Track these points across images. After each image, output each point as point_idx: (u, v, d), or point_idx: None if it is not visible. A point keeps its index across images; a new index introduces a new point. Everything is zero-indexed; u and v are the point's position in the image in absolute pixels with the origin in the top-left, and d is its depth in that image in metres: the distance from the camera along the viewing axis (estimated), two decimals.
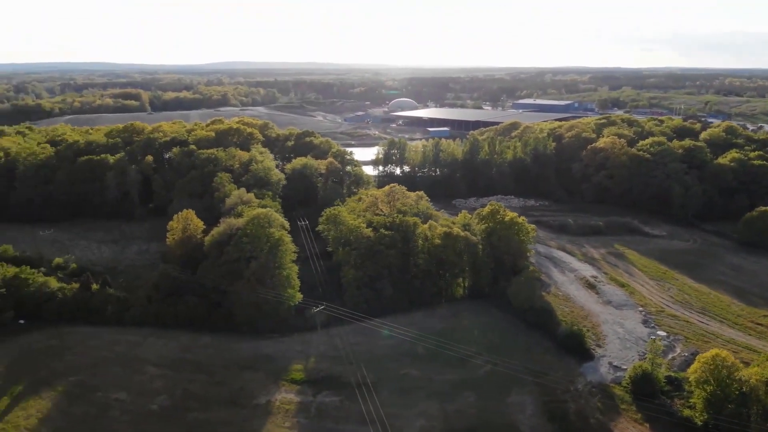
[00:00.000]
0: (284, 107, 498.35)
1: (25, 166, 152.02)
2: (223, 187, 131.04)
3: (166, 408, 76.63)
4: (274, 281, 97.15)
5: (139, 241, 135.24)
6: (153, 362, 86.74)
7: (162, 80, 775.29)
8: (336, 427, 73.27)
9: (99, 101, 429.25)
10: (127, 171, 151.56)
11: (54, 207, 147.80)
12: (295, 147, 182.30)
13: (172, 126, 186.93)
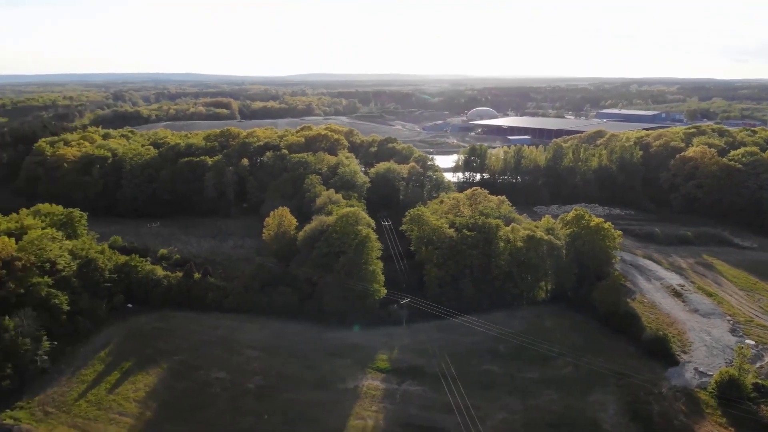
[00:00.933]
0: (364, 117, 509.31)
1: (132, 166, 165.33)
2: (314, 188, 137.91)
3: (261, 387, 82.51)
4: (361, 275, 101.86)
5: (234, 236, 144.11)
6: (249, 346, 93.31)
7: (249, 90, 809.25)
8: (420, 414, 76.60)
9: (192, 109, 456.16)
10: (224, 172, 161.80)
11: (157, 204, 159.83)
12: (377, 152, 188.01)
13: (265, 132, 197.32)
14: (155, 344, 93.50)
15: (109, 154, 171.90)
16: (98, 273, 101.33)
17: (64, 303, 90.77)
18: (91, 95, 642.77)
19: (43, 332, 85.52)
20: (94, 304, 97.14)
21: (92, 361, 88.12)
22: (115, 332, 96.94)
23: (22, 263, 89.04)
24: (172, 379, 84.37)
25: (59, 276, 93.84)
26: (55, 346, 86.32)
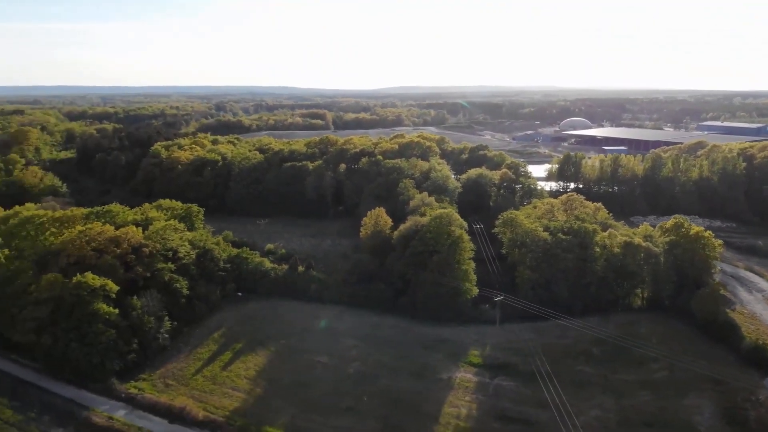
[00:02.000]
0: (453, 127, 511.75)
1: (240, 169, 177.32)
2: (407, 191, 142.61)
3: (360, 373, 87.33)
4: (454, 274, 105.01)
5: (332, 236, 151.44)
6: (348, 335, 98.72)
7: (342, 103, 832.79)
8: (513, 407, 78.52)
9: (290, 119, 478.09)
10: (323, 176, 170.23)
11: (261, 204, 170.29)
12: (468, 159, 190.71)
13: (360, 139, 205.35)
14: (263, 329, 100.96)
15: (219, 158, 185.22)
16: (213, 262, 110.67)
17: (184, 287, 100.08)
18: (196, 106, 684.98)
19: (165, 313, 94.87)
20: (210, 290, 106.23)
21: (207, 341, 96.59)
22: (227, 316, 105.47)
23: (149, 250, 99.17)
24: (279, 360, 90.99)
25: (180, 263, 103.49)
26: (174, 326, 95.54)
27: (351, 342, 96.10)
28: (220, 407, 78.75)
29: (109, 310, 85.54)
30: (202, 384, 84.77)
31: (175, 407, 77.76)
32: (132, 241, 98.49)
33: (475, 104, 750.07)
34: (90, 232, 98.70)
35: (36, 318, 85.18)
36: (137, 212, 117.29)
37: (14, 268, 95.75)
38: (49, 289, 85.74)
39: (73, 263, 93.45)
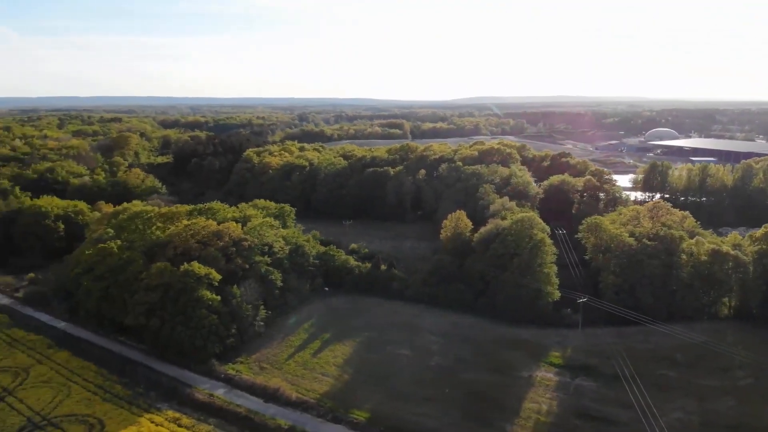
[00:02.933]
0: (533, 136, 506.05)
1: (325, 174, 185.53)
2: (487, 196, 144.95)
3: (441, 366, 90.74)
4: (535, 277, 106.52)
5: (411, 239, 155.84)
6: (429, 331, 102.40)
7: (419, 113, 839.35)
8: (594, 406, 79.55)
9: (369, 129, 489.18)
10: (403, 182, 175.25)
11: (345, 207, 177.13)
12: (550, 167, 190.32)
13: (440, 146, 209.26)
14: (349, 321, 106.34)
15: (306, 164, 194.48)
16: (304, 258, 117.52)
17: (278, 279, 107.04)
18: (280, 116, 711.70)
19: (261, 302, 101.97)
20: (300, 284, 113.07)
21: (298, 331, 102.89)
22: (316, 309, 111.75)
23: (247, 244, 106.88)
24: (364, 351, 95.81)
25: (275, 257, 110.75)
26: (269, 315, 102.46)
27: (432, 338, 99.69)
28: (311, 390, 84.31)
29: (212, 297, 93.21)
30: (294, 368, 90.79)
31: (270, 388, 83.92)
32: (233, 235, 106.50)
33: (556, 114, 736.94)
34: (194, 226, 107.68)
35: (146, 302, 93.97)
36: (235, 210, 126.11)
37: (125, 257, 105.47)
38: (159, 276, 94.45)
39: (179, 254, 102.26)
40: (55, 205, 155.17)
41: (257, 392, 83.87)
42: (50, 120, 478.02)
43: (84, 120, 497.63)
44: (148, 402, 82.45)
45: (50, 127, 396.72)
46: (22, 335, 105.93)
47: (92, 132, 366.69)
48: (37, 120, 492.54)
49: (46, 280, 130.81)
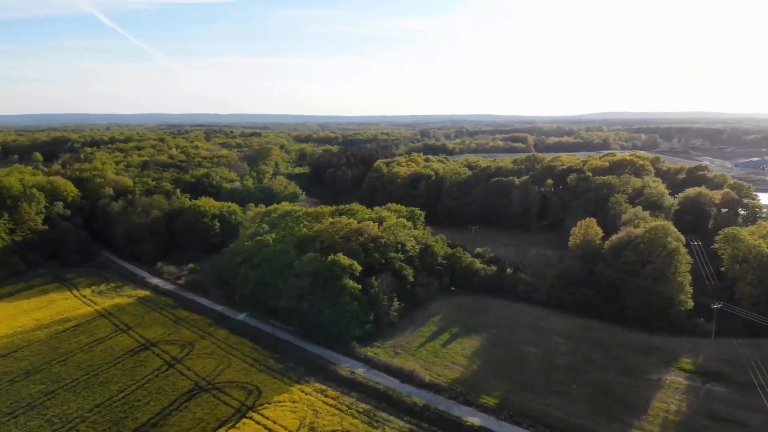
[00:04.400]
0: (666, 152, 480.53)
1: (450, 183, 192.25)
2: (619, 206, 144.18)
3: (569, 365, 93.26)
4: (668, 285, 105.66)
5: (536, 247, 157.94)
6: (556, 332, 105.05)
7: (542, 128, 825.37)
8: (724, 409, 78.84)
9: (491, 143, 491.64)
10: (529, 191, 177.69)
11: (469, 215, 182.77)
12: (686, 179, 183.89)
13: (568, 157, 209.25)
14: (475, 319, 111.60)
15: (432, 173, 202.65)
16: (433, 257, 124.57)
17: (410, 275, 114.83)
18: (403, 132, 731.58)
19: (395, 294, 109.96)
20: (429, 281, 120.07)
21: (427, 323, 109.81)
22: (443, 305, 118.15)
23: (384, 241, 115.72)
24: (492, 346, 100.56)
25: (407, 255, 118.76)
26: (401, 307, 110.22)
27: (559, 339, 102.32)
28: (442, 375, 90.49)
29: (354, 286, 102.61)
30: (425, 356, 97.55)
31: (405, 369, 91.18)
32: (371, 233, 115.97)
33: (692, 130, 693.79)
34: (338, 224, 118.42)
35: (297, 287, 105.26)
36: (371, 212, 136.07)
37: (279, 249, 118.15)
38: (309, 264, 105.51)
39: (325, 247, 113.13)
40: (211, 206, 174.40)
41: (393, 373, 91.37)
42: (197, 133, 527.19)
43: (227, 134, 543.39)
44: (298, 375, 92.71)
45: (199, 139, 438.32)
46: (186, 315, 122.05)
47: (236, 144, 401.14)
48: (186, 133, 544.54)
49: (204, 270, 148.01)
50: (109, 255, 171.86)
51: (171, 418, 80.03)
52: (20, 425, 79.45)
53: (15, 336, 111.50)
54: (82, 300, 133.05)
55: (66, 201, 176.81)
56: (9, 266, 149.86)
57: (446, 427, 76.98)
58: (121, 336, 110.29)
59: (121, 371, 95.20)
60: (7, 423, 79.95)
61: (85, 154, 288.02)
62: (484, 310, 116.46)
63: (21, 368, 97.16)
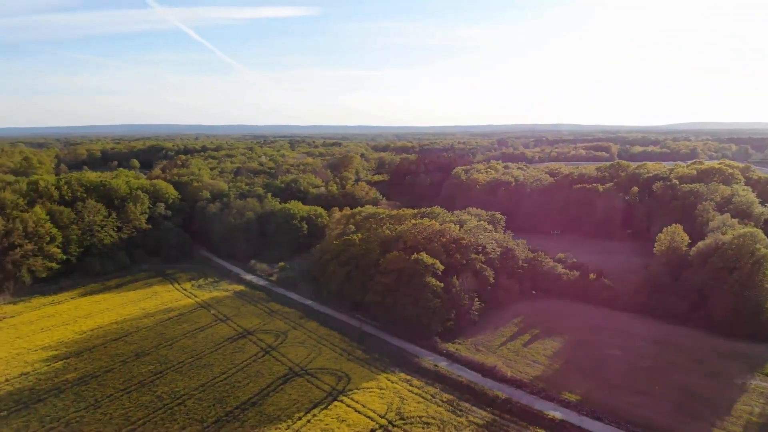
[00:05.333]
0: (759, 162, 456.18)
1: (531, 190, 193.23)
2: (707, 213, 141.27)
3: (652, 367, 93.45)
4: (756, 291, 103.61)
5: (620, 255, 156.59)
6: (640, 336, 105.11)
7: (626, 137, 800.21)
8: None
9: (573, 152, 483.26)
10: (613, 199, 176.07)
11: (550, 222, 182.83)
12: None
13: (655, 165, 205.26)
14: (556, 321, 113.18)
15: (512, 180, 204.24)
16: (514, 260, 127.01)
17: (490, 276, 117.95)
18: (480, 141, 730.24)
19: (475, 295, 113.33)
20: (510, 283, 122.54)
21: (508, 324, 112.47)
22: (524, 308, 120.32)
23: (465, 242, 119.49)
24: (573, 347, 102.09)
25: (488, 257, 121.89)
26: (482, 307, 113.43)
27: (643, 343, 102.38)
28: (523, 372, 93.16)
29: (436, 284, 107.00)
30: (506, 354, 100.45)
31: (487, 365, 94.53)
32: (452, 235, 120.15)
33: None
34: (420, 225, 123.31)
35: (383, 283, 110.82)
36: (452, 215, 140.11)
37: (365, 248, 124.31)
38: (394, 262, 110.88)
39: (408, 247, 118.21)
40: (299, 209, 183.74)
41: (475, 367, 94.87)
42: (282, 143, 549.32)
43: (309, 144, 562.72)
44: (383, 365, 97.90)
45: (284, 148, 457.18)
46: (278, 308, 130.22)
47: (318, 153, 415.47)
48: (271, 143, 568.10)
49: (294, 268, 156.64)
50: (206, 253, 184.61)
51: (269, 398, 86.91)
52: (133, 400, 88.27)
53: (124, 323, 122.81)
54: (183, 292, 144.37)
55: (167, 202, 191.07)
56: (116, 261, 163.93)
57: (528, 419, 79.75)
58: (220, 325, 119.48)
59: (222, 356, 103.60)
60: (121, 398, 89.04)
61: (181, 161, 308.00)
62: (566, 313, 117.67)
63: (131, 351, 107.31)
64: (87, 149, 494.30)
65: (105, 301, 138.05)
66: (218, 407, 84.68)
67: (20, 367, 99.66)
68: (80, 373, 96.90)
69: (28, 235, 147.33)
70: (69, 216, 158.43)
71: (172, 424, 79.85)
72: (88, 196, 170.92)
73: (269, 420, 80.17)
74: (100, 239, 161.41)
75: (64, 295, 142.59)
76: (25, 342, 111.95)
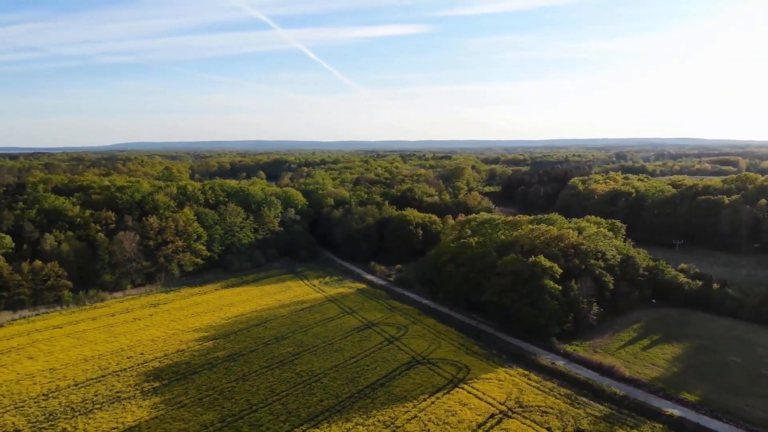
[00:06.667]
0: None
1: (652, 201, 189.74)
2: None
3: None
4: None
5: (746, 268, 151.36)
6: (763, 345, 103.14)
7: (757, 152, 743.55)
8: None
9: (697, 166, 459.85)
10: (740, 211, 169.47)
11: (671, 233, 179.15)
12: None
13: None
14: (677, 329, 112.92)
15: (632, 191, 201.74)
16: (634, 268, 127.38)
17: (609, 282, 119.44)
18: (596, 154, 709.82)
19: (594, 300, 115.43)
20: (629, 290, 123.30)
21: (627, 329, 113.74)
22: (643, 315, 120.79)
23: (583, 248, 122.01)
24: (694, 353, 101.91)
25: (607, 263, 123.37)
26: (600, 312, 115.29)
27: (765, 352, 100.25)
28: (641, 373, 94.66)
29: (554, 286, 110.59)
30: (624, 356, 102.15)
31: (604, 364, 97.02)
32: (570, 240, 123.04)
33: None
34: (537, 230, 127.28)
35: (500, 284, 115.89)
36: (571, 223, 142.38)
37: (481, 251, 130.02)
38: (512, 264, 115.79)
39: (525, 251, 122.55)
40: (415, 216, 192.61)
41: (592, 367, 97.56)
42: (394, 157, 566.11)
43: (420, 157, 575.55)
44: (501, 360, 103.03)
45: (397, 161, 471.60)
46: (398, 305, 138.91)
47: (429, 166, 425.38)
48: (384, 157, 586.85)
49: (410, 270, 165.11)
50: (329, 254, 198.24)
51: (395, 381, 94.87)
52: (276, 375, 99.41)
53: (263, 311, 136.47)
54: (312, 288, 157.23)
55: (296, 208, 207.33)
56: (253, 259, 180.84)
57: (645, 415, 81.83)
58: (347, 317, 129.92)
59: (351, 342, 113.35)
60: (265, 373, 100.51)
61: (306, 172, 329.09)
62: (687, 322, 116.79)
63: (271, 335, 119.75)
64: (217, 162, 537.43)
65: (244, 293, 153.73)
66: (350, 385, 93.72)
67: (176, 345, 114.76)
68: (228, 352, 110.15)
69: (178, 233, 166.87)
70: (213, 217, 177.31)
71: (311, 397, 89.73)
72: (229, 200, 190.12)
73: (396, 399, 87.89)
74: (239, 239, 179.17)
75: (209, 287, 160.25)
76: (179, 324, 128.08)
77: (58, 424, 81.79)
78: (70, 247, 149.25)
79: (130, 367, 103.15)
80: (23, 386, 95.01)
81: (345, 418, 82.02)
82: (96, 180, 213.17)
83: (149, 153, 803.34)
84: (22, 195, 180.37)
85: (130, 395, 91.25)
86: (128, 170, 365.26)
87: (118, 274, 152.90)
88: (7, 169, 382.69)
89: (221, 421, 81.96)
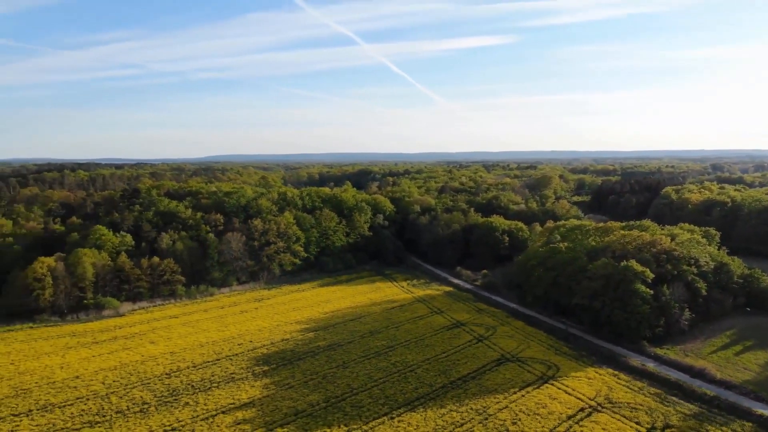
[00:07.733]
0: None
1: (749, 211, 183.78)
2: None
3: None
4: None
5: None
6: None
7: None
8: None
9: None
10: None
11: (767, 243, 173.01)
12: None
13: None
14: None
15: (728, 200, 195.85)
16: (728, 275, 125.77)
17: (702, 289, 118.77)
18: (691, 165, 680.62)
19: (686, 305, 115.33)
20: (723, 297, 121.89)
21: (719, 335, 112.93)
22: (737, 322, 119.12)
23: (676, 254, 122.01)
24: None
25: (700, 270, 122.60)
26: (692, 317, 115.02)
27: None
28: (733, 377, 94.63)
29: (645, 291, 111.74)
30: (716, 360, 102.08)
31: (695, 367, 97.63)
32: (663, 246, 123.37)
33: None
34: (629, 236, 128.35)
35: (590, 288, 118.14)
36: (663, 229, 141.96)
37: (570, 255, 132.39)
38: (603, 268, 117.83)
39: (616, 256, 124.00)
40: (501, 223, 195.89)
41: (683, 369, 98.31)
42: (478, 167, 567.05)
43: (503, 167, 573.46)
44: (591, 361, 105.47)
45: (481, 171, 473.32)
46: (485, 307, 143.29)
47: (513, 176, 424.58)
48: (467, 167, 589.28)
49: (496, 275, 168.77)
50: (415, 259, 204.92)
51: (485, 375, 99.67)
52: (373, 364, 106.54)
53: (357, 308, 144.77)
54: (401, 289, 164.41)
55: (385, 214, 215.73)
56: (345, 261, 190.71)
57: (735, 414, 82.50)
58: (436, 316, 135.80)
59: (441, 339, 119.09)
60: (363, 362, 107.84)
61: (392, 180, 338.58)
62: None
63: (366, 329, 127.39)
64: (307, 172, 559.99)
65: (339, 291, 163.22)
66: (443, 377, 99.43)
67: (281, 335, 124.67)
68: (328, 342, 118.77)
69: (279, 234, 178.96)
70: (309, 221, 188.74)
71: (406, 385, 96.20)
72: (324, 206, 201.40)
73: (488, 391, 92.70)
74: (333, 242, 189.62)
75: (306, 285, 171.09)
76: (282, 317, 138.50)
77: (181, 398, 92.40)
78: (183, 246, 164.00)
79: (241, 352, 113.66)
80: (147, 366, 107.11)
81: (439, 405, 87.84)
82: (204, 186, 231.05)
83: (243, 164, 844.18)
84: (138, 199, 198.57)
85: (242, 377, 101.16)
86: (228, 179, 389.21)
87: (226, 271, 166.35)
88: (118, 177, 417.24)
89: (326, 401, 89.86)
